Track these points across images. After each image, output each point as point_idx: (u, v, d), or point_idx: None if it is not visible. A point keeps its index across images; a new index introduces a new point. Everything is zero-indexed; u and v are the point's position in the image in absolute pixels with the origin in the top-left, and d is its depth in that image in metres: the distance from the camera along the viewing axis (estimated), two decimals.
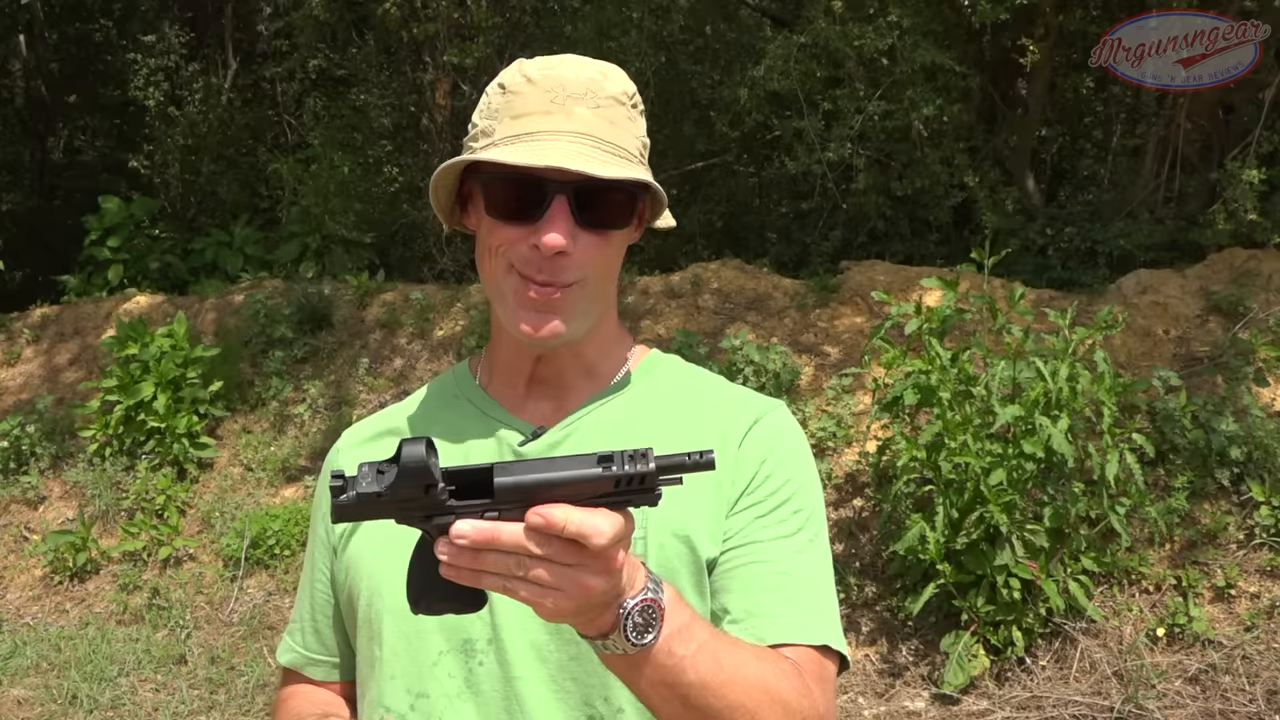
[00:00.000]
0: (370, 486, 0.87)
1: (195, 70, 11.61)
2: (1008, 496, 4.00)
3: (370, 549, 1.20)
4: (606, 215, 1.13)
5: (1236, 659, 4.10)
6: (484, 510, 0.87)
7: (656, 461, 0.87)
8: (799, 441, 1.23)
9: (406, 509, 0.88)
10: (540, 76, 1.14)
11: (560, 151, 1.08)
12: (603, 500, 0.87)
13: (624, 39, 8.28)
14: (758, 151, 8.99)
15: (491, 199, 1.13)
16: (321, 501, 1.29)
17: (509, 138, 1.11)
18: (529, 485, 0.86)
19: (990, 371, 4.23)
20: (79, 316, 7.64)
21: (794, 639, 1.10)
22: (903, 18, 6.42)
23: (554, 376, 1.22)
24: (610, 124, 1.13)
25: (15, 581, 5.81)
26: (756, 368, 5.31)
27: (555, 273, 1.11)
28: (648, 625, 0.91)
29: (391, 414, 1.31)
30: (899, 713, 4.17)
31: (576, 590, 0.86)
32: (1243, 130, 6.31)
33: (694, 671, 0.95)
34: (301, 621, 1.31)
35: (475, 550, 0.85)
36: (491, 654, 1.13)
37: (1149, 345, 5.31)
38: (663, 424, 1.20)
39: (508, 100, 1.14)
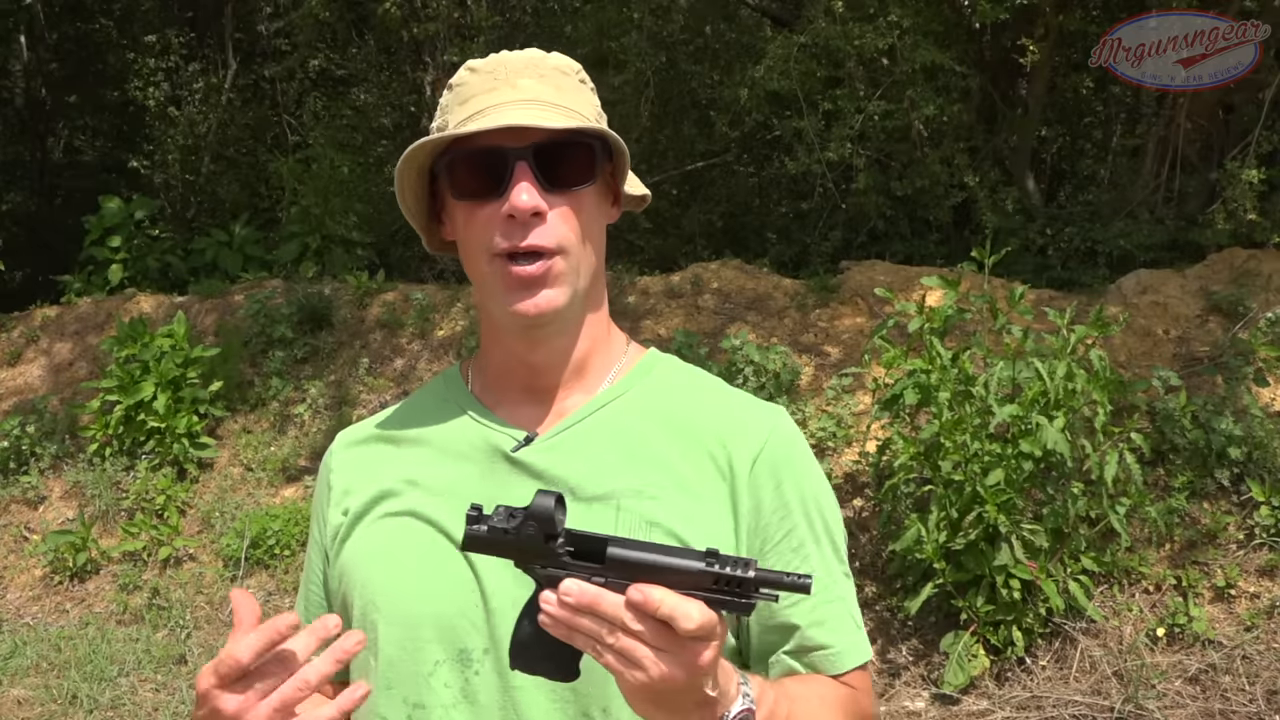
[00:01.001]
0: (500, 523, 0.95)
1: (195, 70, 11.62)
2: (1005, 496, 4.00)
3: (364, 556, 1.19)
4: (571, 173, 1.12)
5: (1236, 659, 4.10)
6: (592, 575, 0.93)
7: (757, 572, 0.92)
8: (807, 450, 1.26)
9: (526, 554, 0.96)
10: (482, 66, 1.17)
11: (509, 114, 1.09)
12: (699, 596, 0.92)
13: (624, 39, 8.27)
14: (758, 151, 9.00)
15: (455, 183, 1.14)
16: (319, 504, 1.28)
17: (460, 121, 1.13)
18: (636, 562, 0.93)
19: (989, 371, 4.23)
20: (79, 316, 7.64)
21: (848, 667, 1.18)
22: (903, 18, 6.42)
23: (545, 379, 1.20)
24: (557, 89, 1.14)
25: (15, 581, 5.82)
26: (756, 368, 5.31)
27: (533, 238, 1.10)
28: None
29: (385, 418, 1.30)
30: (899, 713, 4.17)
31: (657, 672, 0.90)
32: (1243, 130, 6.31)
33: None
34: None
35: (575, 609, 0.90)
36: (488, 664, 1.12)
37: (1149, 345, 5.31)
38: (658, 430, 1.19)
39: (455, 93, 1.17)
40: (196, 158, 11.04)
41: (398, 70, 10.28)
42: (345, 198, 8.64)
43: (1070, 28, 6.84)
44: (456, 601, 1.13)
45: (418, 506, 1.18)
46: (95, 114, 13.47)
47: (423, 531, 1.16)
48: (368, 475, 1.23)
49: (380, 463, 1.24)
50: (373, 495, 1.21)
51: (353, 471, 1.25)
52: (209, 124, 11.06)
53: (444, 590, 1.14)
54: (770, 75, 6.69)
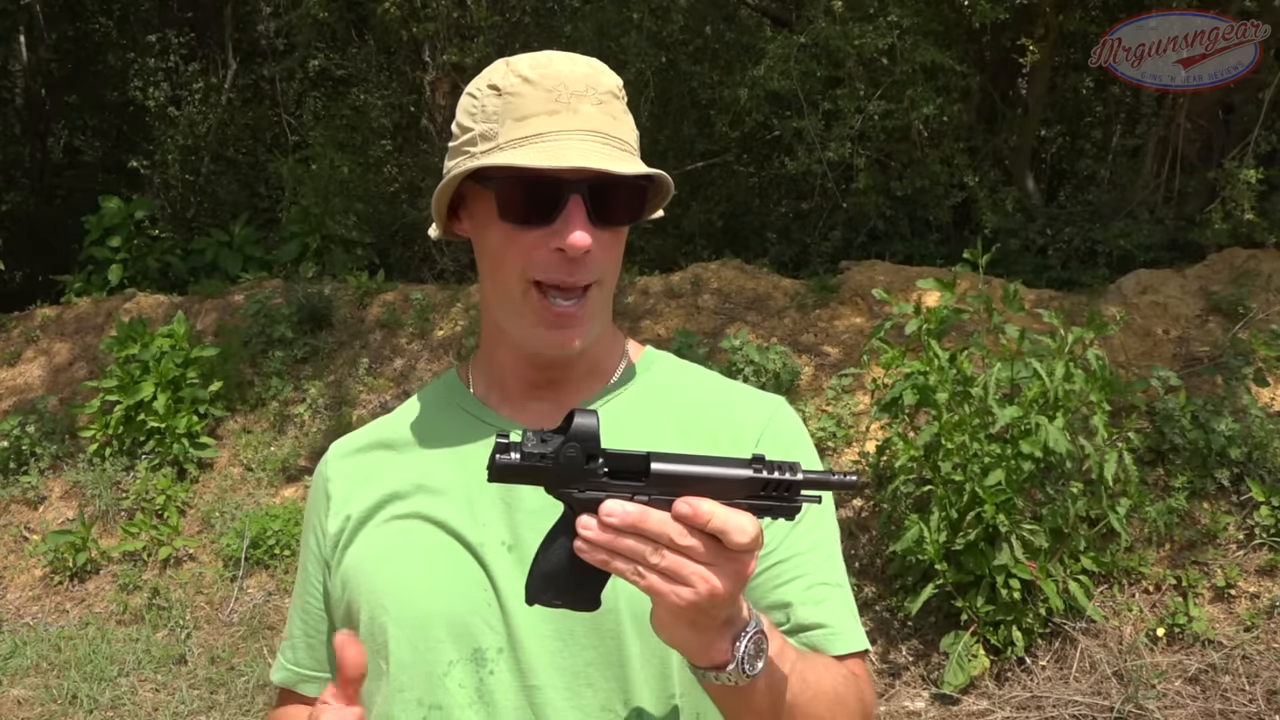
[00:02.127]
0: (536, 449, 0.90)
1: (195, 70, 11.62)
2: (1005, 496, 4.00)
3: (369, 560, 1.18)
4: (619, 211, 1.12)
5: (1236, 659, 4.10)
6: (634, 493, 0.89)
7: (804, 474, 0.90)
8: (807, 438, 1.25)
9: (563, 478, 0.90)
10: (537, 76, 1.12)
11: (576, 150, 1.07)
12: (744, 504, 0.89)
13: (624, 39, 8.27)
14: (758, 151, 8.99)
15: (505, 203, 1.10)
16: (315, 515, 1.26)
17: (516, 140, 1.09)
18: (681, 475, 0.89)
19: (988, 372, 4.23)
20: (79, 316, 7.64)
21: (849, 649, 1.16)
22: (903, 17, 6.42)
23: (556, 380, 1.20)
24: (613, 119, 1.13)
25: (15, 581, 5.82)
26: (756, 368, 5.31)
27: (578, 274, 1.10)
28: (759, 654, 0.94)
29: (382, 426, 1.28)
30: (899, 713, 4.17)
31: (706, 588, 0.87)
32: (1242, 130, 6.31)
33: (789, 692, 1.00)
34: (293, 638, 1.28)
35: (619, 530, 0.86)
36: (503, 663, 1.11)
37: (1149, 345, 5.31)
38: (669, 420, 1.20)
39: (506, 102, 1.11)
40: (196, 158, 11.04)
41: (397, 70, 10.28)
42: (345, 198, 8.64)
43: (1070, 28, 6.84)
44: (469, 600, 1.12)
45: (425, 508, 1.17)
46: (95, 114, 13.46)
47: (431, 533, 1.16)
48: (369, 481, 1.22)
49: (382, 468, 1.22)
50: (377, 500, 1.20)
51: (352, 479, 1.23)
52: (209, 124, 11.06)
53: (455, 589, 1.13)
54: (770, 75, 6.69)
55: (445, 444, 1.20)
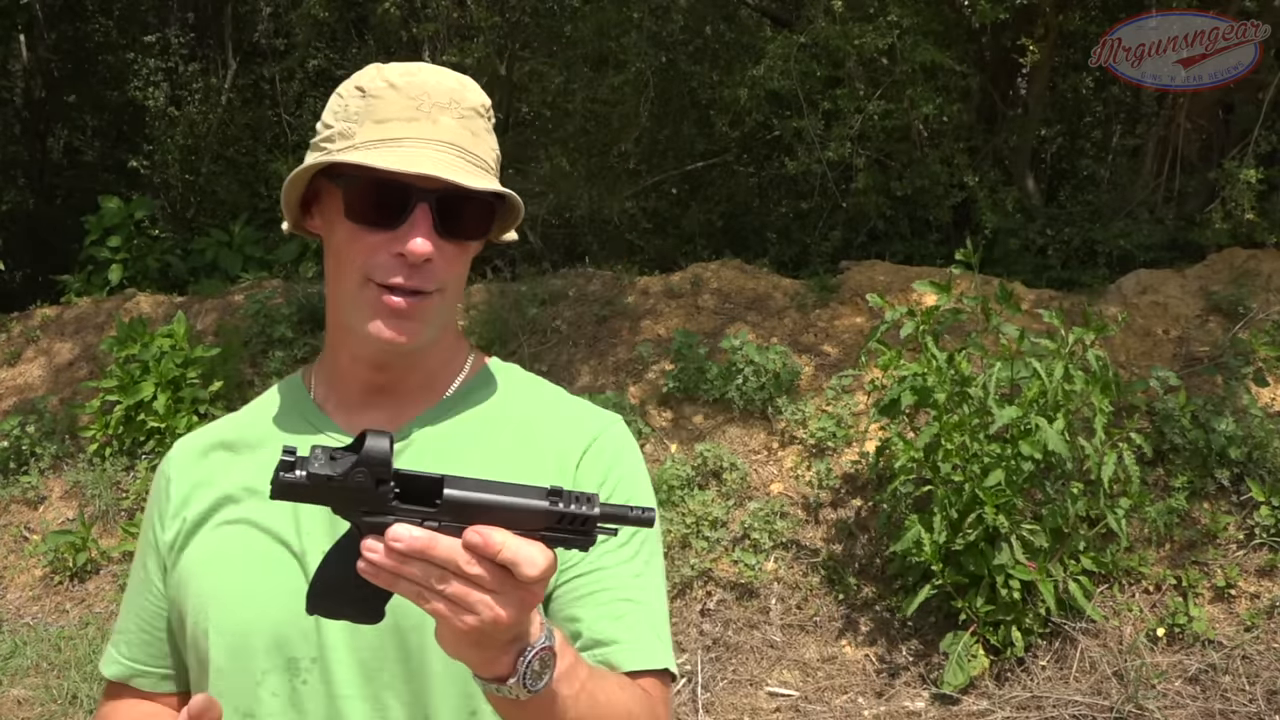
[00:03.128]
0: (323, 469, 0.86)
1: (195, 70, 11.62)
2: (1005, 497, 4.00)
3: (198, 565, 1.19)
4: (466, 226, 1.13)
5: (1236, 659, 4.10)
6: (423, 519, 0.86)
7: (601, 508, 0.88)
8: (636, 458, 1.24)
9: (350, 500, 0.87)
10: (403, 83, 1.13)
11: (429, 159, 1.08)
12: (539, 535, 0.87)
13: (624, 39, 8.27)
14: (758, 151, 8.99)
15: (352, 203, 1.11)
16: (156, 512, 1.25)
17: (372, 141, 1.10)
18: (474, 504, 0.87)
19: (987, 372, 4.23)
20: (79, 316, 7.64)
21: (642, 667, 1.13)
22: (902, 17, 6.42)
23: (392, 386, 1.20)
24: (472, 135, 1.13)
25: (15, 581, 5.82)
26: (756, 368, 5.31)
27: (417, 280, 1.10)
28: (543, 671, 0.93)
29: (226, 426, 1.28)
30: (899, 713, 4.17)
31: (490, 615, 0.86)
32: (1242, 130, 6.31)
33: (574, 711, 0.98)
34: (127, 632, 1.27)
35: (405, 556, 0.85)
36: (316, 672, 1.12)
37: (1149, 345, 5.31)
38: (500, 439, 1.20)
39: (369, 104, 1.12)
40: (196, 158, 11.03)
41: None
42: None
43: (1070, 28, 6.84)
44: (286, 609, 1.12)
45: (254, 515, 1.17)
46: (95, 114, 13.46)
47: (257, 539, 1.16)
48: (208, 484, 1.22)
49: (219, 471, 1.22)
50: (211, 503, 1.20)
51: (192, 481, 1.23)
52: (209, 124, 11.06)
53: (274, 598, 1.13)
54: (770, 75, 6.69)
55: (278, 449, 1.19)
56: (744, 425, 5.34)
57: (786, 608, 4.70)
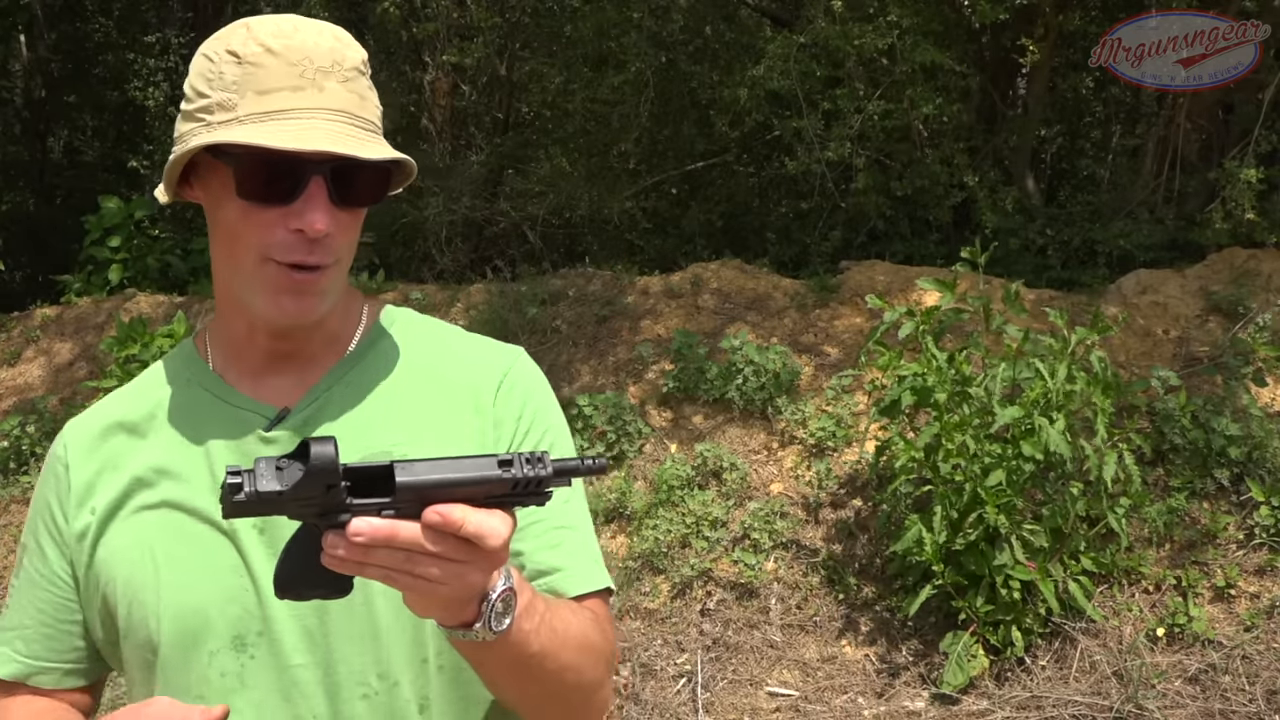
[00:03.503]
0: (270, 485, 0.86)
1: None
2: (1005, 497, 4.00)
3: (122, 552, 1.15)
4: (361, 193, 1.11)
5: (1236, 659, 4.10)
6: (381, 508, 0.87)
7: (553, 466, 0.91)
8: (546, 387, 1.26)
9: (304, 506, 0.88)
10: (281, 47, 1.08)
11: (321, 132, 1.05)
12: (496, 500, 0.89)
13: (624, 39, 8.28)
14: (758, 151, 8.99)
15: (244, 181, 1.07)
16: (51, 497, 1.20)
17: (257, 115, 1.05)
18: (429, 485, 0.88)
19: (989, 372, 4.23)
20: (79, 316, 7.64)
21: (586, 589, 1.17)
22: (902, 17, 6.42)
23: (295, 350, 1.18)
24: (360, 98, 1.11)
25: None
26: (756, 368, 5.31)
27: (316, 255, 1.09)
28: (505, 612, 0.95)
29: (120, 404, 1.23)
30: (899, 713, 4.17)
31: (459, 585, 0.89)
32: (1242, 130, 6.31)
33: (536, 643, 1.01)
34: (23, 628, 1.21)
35: (369, 546, 0.86)
36: (262, 646, 1.12)
37: (1149, 345, 5.31)
38: (411, 383, 1.20)
39: (247, 72, 1.07)
40: None
41: (397, 70, 10.28)
42: None
43: (1070, 28, 6.85)
44: (226, 588, 1.12)
45: (172, 495, 1.15)
46: (95, 114, 13.47)
47: (183, 521, 1.14)
48: (112, 468, 1.18)
49: (124, 454, 1.19)
50: (122, 489, 1.17)
51: (93, 466, 1.19)
52: None
53: (212, 578, 1.12)
54: (770, 75, 6.69)
55: (186, 425, 1.18)
56: (744, 425, 5.34)
57: (786, 608, 4.70)
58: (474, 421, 1.18)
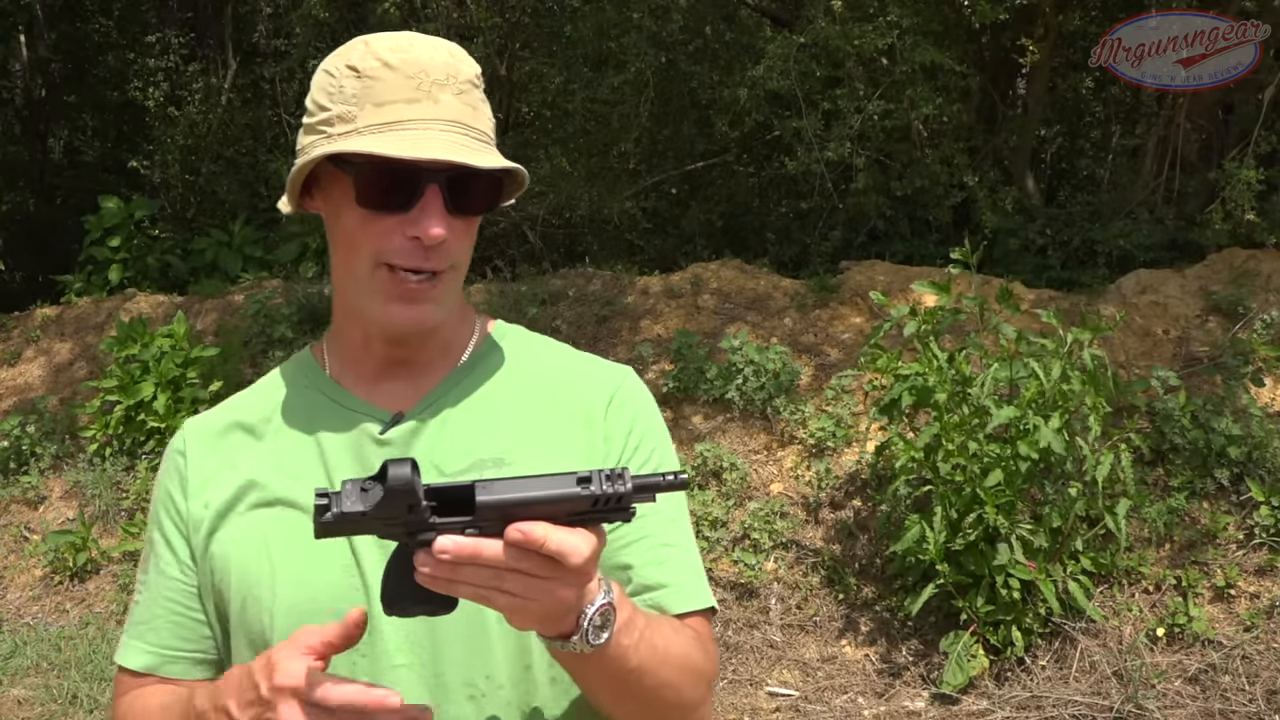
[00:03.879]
0: (355, 505, 0.89)
1: (195, 70, 11.62)
2: (1005, 497, 4.00)
3: (237, 548, 1.18)
4: (476, 201, 1.13)
5: (1236, 659, 4.10)
6: (464, 527, 0.90)
7: (633, 482, 0.91)
8: (654, 406, 1.28)
9: (389, 526, 0.91)
10: (398, 61, 1.12)
11: (437, 141, 1.08)
12: (578, 518, 0.90)
13: (624, 39, 8.28)
14: (758, 151, 8.99)
15: (363, 189, 1.11)
16: (171, 491, 1.23)
17: (375, 126, 1.09)
18: (509, 504, 0.90)
19: (985, 372, 4.23)
20: (79, 316, 7.64)
21: (690, 607, 1.18)
22: (902, 17, 6.42)
23: (410, 358, 1.21)
24: (472, 109, 1.14)
25: (15, 581, 5.82)
26: (756, 368, 5.31)
27: (432, 261, 1.12)
28: (604, 626, 0.97)
29: (239, 406, 1.27)
30: (899, 713, 4.17)
31: (550, 600, 0.91)
32: (1242, 130, 6.31)
33: (635, 658, 1.02)
34: (154, 620, 1.23)
35: (455, 564, 0.88)
36: (371, 644, 1.13)
37: (1149, 345, 5.31)
38: (521, 395, 1.22)
39: (366, 86, 1.11)
40: (196, 158, 11.03)
41: None
42: None
43: (1070, 28, 6.85)
44: (338, 586, 1.14)
45: (289, 494, 1.17)
46: (95, 114, 13.45)
47: (298, 519, 1.16)
48: (229, 466, 1.21)
49: (241, 453, 1.22)
50: (239, 486, 1.19)
51: (211, 464, 1.22)
52: (209, 124, 11.06)
53: (325, 576, 1.14)
54: (770, 75, 6.69)
55: (303, 427, 1.21)
56: (744, 425, 5.34)
57: (786, 608, 4.70)
58: (583, 435, 1.20)
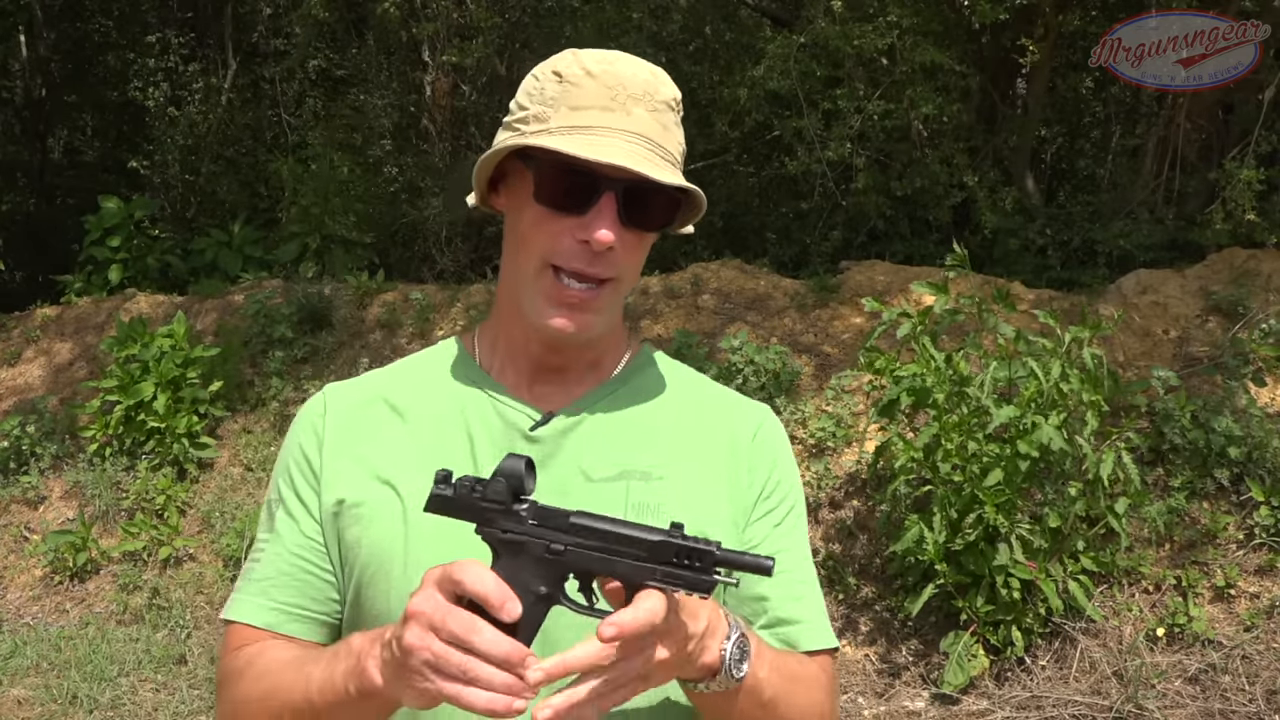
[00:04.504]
0: (467, 484, 0.98)
1: (195, 70, 11.62)
2: (1004, 497, 4.00)
3: (377, 524, 1.17)
4: (649, 217, 1.14)
5: (1236, 659, 4.10)
6: (551, 542, 0.96)
7: (720, 551, 0.93)
8: (788, 444, 1.30)
9: (490, 515, 0.97)
10: (600, 71, 1.14)
11: (619, 149, 1.10)
12: (659, 576, 0.93)
13: (624, 39, 8.27)
14: (758, 151, 8.99)
15: (541, 185, 1.13)
16: (303, 447, 1.22)
17: (566, 128, 1.12)
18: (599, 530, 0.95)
19: (985, 372, 4.23)
20: (79, 316, 7.64)
21: (820, 645, 1.21)
22: (902, 17, 6.42)
23: (562, 365, 1.22)
24: (662, 128, 1.15)
25: (15, 581, 5.82)
26: (756, 368, 5.31)
27: (597, 267, 1.12)
28: (743, 659, 1.00)
29: (384, 382, 1.27)
30: (899, 713, 4.17)
31: (661, 675, 0.96)
32: (1242, 130, 6.31)
33: (770, 689, 1.06)
34: (278, 576, 1.21)
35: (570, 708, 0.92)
36: None
37: (1149, 345, 5.31)
38: (669, 414, 1.24)
39: (565, 90, 1.14)
40: (196, 158, 11.03)
41: (397, 70, 10.28)
42: (345, 198, 8.64)
43: (1070, 28, 6.85)
44: None
45: (430, 479, 1.15)
46: (95, 114, 13.46)
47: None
48: (370, 438, 1.21)
49: (385, 428, 1.22)
50: (382, 461, 1.19)
51: (353, 429, 1.22)
52: (209, 124, 11.06)
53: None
54: (770, 75, 6.69)
55: (452, 414, 1.21)
56: None
57: None
58: (728, 460, 1.22)
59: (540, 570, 0.97)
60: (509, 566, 0.96)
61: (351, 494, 1.18)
